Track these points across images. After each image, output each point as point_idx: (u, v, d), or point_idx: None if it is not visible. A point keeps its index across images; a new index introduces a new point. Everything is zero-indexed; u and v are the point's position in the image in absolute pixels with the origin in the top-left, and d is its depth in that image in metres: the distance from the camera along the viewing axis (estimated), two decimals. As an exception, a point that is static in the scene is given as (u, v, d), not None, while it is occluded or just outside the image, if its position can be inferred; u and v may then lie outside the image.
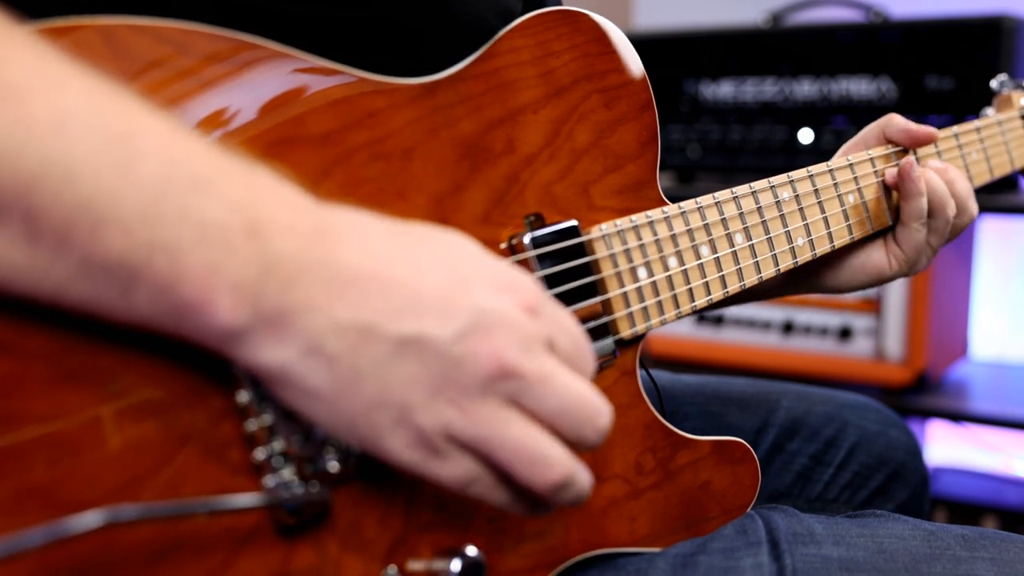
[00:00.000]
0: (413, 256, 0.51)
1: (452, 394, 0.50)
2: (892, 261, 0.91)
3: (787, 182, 0.82)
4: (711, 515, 0.75)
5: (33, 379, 0.46)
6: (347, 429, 0.51)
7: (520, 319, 0.51)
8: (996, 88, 1.11)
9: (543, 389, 0.51)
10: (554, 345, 0.53)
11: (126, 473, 0.48)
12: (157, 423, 0.50)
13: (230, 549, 0.52)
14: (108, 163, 0.44)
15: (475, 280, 0.51)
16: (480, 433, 0.50)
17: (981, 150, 1.01)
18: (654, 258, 0.73)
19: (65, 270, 0.44)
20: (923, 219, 0.88)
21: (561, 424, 0.52)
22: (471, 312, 0.50)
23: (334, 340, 0.48)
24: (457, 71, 0.66)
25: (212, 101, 0.55)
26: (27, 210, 0.43)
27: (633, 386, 0.73)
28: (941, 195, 0.88)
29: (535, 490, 0.52)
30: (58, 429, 0.47)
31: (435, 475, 0.51)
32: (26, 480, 0.45)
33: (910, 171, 0.86)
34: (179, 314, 0.47)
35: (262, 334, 0.48)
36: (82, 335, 0.48)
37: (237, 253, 0.46)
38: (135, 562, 0.48)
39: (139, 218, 0.44)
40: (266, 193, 0.49)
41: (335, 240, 0.49)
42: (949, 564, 0.67)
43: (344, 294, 0.48)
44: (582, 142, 0.72)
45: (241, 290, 0.46)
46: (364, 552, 0.57)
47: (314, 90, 0.59)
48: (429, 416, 0.50)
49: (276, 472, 0.53)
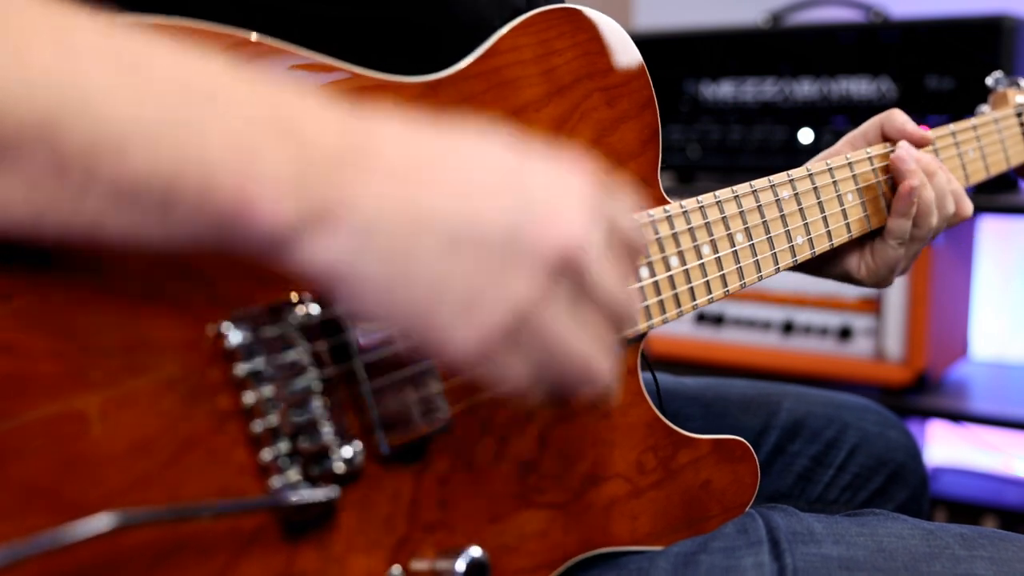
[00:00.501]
0: (457, 146, 0.50)
1: (512, 286, 0.48)
2: (862, 268, 0.92)
3: (787, 181, 0.83)
4: (711, 514, 0.76)
5: (39, 378, 0.46)
6: (407, 323, 0.49)
7: (576, 205, 0.50)
8: (992, 85, 1.10)
9: (602, 276, 0.50)
10: (612, 230, 0.52)
11: (132, 473, 0.48)
12: (163, 424, 0.50)
13: (234, 550, 0.52)
14: (124, 87, 0.43)
15: (527, 167, 0.50)
16: (545, 341, 0.50)
17: (978, 148, 1.01)
18: (656, 257, 0.73)
19: (97, 202, 0.43)
20: (903, 239, 0.88)
21: (611, 313, 0.52)
22: (527, 199, 0.49)
23: (386, 230, 0.46)
24: (459, 70, 0.66)
25: None
26: (50, 144, 0.42)
27: (635, 385, 0.73)
28: (927, 209, 0.88)
29: (573, 394, 0.53)
30: (64, 429, 0.46)
31: (486, 370, 0.50)
32: (32, 480, 0.45)
33: (909, 195, 0.86)
34: (222, 226, 0.45)
35: (310, 231, 0.46)
36: (88, 334, 0.48)
37: (271, 153, 0.45)
38: (138, 564, 0.48)
39: (161, 134, 0.43)
40: (292, 97, 0.47)
41: (373, 134, 0.48)
42: (948, 563, 0.67)
43: (390, 183, 0.47)
44: (584, 140, 0.72)
45: (281, 189, 0.45)
46: (368, 553, 0.57)
47: (316, 87, 0.60)
48: (488, 313, 0.48)
49: (282, 473, 0.53)
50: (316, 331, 0.56)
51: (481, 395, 0.64)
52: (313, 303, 0.56)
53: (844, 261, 0.92)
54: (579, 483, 0.69)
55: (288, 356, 0.55)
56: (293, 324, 0.55)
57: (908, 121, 0.91)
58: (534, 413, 0.67)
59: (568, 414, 0.69)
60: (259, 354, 0.53)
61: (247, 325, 0.53)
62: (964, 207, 0.92)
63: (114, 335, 0.49)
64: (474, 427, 0.64)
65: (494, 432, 0.64)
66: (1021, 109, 1.08)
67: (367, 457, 0.57)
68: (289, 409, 0.54)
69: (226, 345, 0.53)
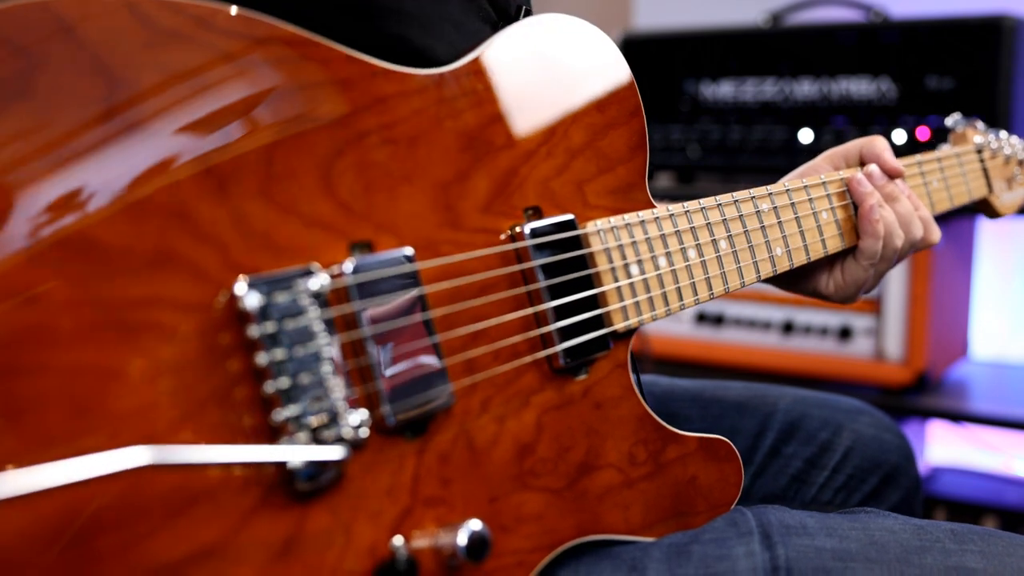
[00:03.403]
0: None
1: None
2: (830, 284, 0.96)
3: (767, 195, 0.86)
4: (698, 509, 0.78)
5: (61, 330, 0.48)
6: None
7: None
8: (951, 126, 1.16)
9: None
10: None
11: (143, 431, 0.50)
12: (177, 382, 0.52)
13: (247, 507, 0.53)
14: None
15: None
16: None
17: (942, 179, 1.06)
18: (645, 256, 0.76)
19: None
20: (874, 260, 0.92)
21: None
22: None
23: None
24: (464, 64, 0.70)
25: (225, 75, 0.57)
26: None
27: (625, 379, 0.76)
28: (891, 232, 0.91)
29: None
30: (80, 381, 0.49)
31: None
32: (50, 430, 0.47)
33: (870, 214, 0.90)
34: None
35: None
36: (108, 287, 0.50)
37: None
38: (154, 514, 0.50)
39: None
40: None
41: None
42: (939, 556, 0.68)
43: None
44: (577, 142, 0.75)
45: None
46: (373, 521, 0.59)
47: (327, 73, 0.62)
48: None
49: (292, 436, 0.55)
50: (328, 299, 0.58)
51: (482, 373, 0.66)
52: (325, 272, 0.58)
53: (814, 278, 0.96)
54: (574, 470, 0.71)
55: (300, 321, 0.56)
56: (306, 291, 0.57)
57: (886, 150, 0.95)
58: (531, 396, 0.69)
59: (564, 401, 0.71)
60: (272, 317, 0.55)
61: (262, 289, 0.55)
62: (932, 233, 0.96)
63: (130, 292, 0.51)
64: (475, 406, 0.66)
65: (493, 412, 0.67)
66: (980, 146, 1.14)
67: (373, 427, 0.59)
68: (300, 373, 0.56)
69: (240, 307, 0.54)
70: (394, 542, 0.60)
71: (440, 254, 0.65)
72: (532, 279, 0.70)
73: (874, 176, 0.93)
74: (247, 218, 0.57)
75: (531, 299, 0.70)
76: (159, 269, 0.52)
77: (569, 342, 0.71)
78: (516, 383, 0.68)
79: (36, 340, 0.48)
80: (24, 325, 0.47)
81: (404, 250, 0.63)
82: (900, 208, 0.93)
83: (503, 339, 0.68)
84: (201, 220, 0.54)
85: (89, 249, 0.50)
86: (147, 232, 0.52)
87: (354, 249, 0.61)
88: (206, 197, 0.55)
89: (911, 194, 0.95)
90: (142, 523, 0.49)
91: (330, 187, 0.61)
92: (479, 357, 0.66)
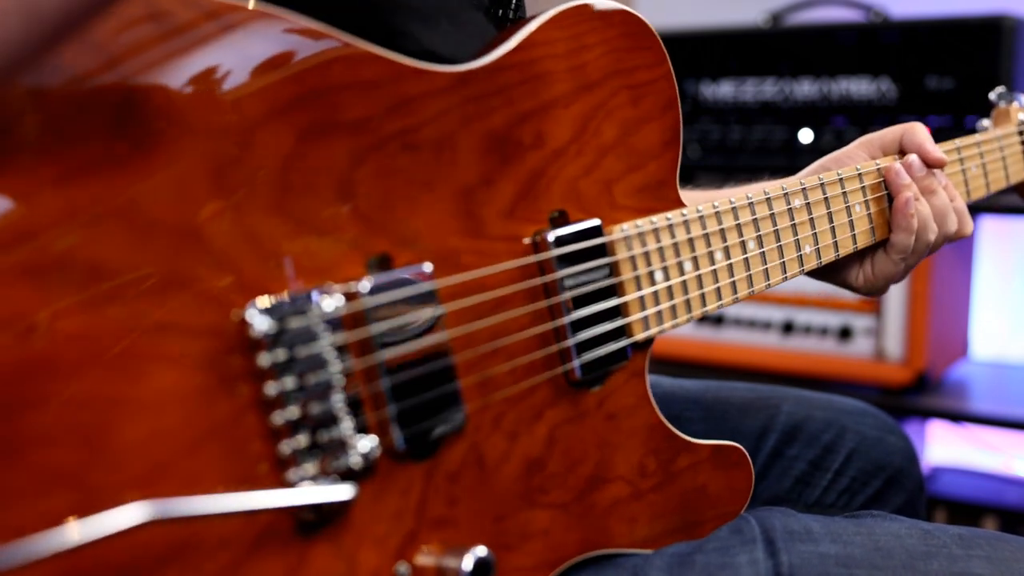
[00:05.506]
0: None
1: None
2: (860, 277, 0.93)
3: (799, 189, 0.82)
4: (705, 518, 0.76)
5: (64, 363, 0.46)
6: None
7: None
8: (994, 100, 1.11)
9: None
10: None
11: (150, 461, 0.48)
12: (183, 412, 0.50)
13: (248, 544, 0.52)
14: None
15: None
16: None
17: (980, 164, 1.02)
18: (671, 262, 0.73)
19: None
20: (905, 254, 0.89)
21: None
22: None
23: None
24: (493, 60, 0.66)
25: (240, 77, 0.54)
26: None
27: (641, 388, 0.74)
28: (925, 226, 0.89)
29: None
30: (86, 413, 0.47)
31: None
32: (55, 463, 0.45)
33: (905, 207, 0.87)
34: None
35: None
36: (112, 317, 0.48)
37: None
38: (151, 557, 0.48)
39: None
40: None
41: None
42: (945, 561, 0.67)
43: None
44: (608, 139, 0.72)
45: None
46: (378, 548, 0.57)
47: (348, 71, 0.59)
48: None
49: (300, 466, 0.53)
50: (340, 324, 0.56)
51: (497, 393, 0.64)
52: (338, 295, 0.56)
53: (843, 271, 0.94)
54: (583, 484, 0.69)
55: (313, 348, 0.54)
56: (320, 315, 0.55)
57: (928, 139, 0.91)
58: (544, 410, 0.67)
59: (578, 413, 0.69)
60: (283, 344, 0.53)
61: (274, 314, 0.53)
62: (965, 225, 0.93)
63: (138, 316, 0.49)
64: (486, 424, 0.64)
65: (505, 429, 0.65)
66: (1023, 127, 1.09)
67: (382, 453, 0.57)
68: (309, 402, 0.54)
69: (251, 334, 0.52)
70: (398, 568, 0.58)
71: (460, 265, 0.63)
72: (554, 292, 0.67)
73: (913, 167, 0.89)
74: (260, 236, 0.54)
75: (552, 312, 0.67)
76: (167, 293, 0.50)
77: (587, 355, 0.68)
78: (530, 399, 0.66)
79: (37, 371, 0.45)
80: (25, 356, 0.45)
81: (423, 266, 0.60)
82: (936, 201, 0.89)
83: (521, 356, 0.65)
84: (212, 239, 0.52)
85: (92, 272, 0.48)
86: (154, 253, 0.50)
87: (371, 263, 0.59)
88: (217, 214, 0.52)
89: (948, 184, 0.92)
90: (142, 572, 0.48)
91: (349, 197, 0.58)
92: (495, 376, 0.64)
